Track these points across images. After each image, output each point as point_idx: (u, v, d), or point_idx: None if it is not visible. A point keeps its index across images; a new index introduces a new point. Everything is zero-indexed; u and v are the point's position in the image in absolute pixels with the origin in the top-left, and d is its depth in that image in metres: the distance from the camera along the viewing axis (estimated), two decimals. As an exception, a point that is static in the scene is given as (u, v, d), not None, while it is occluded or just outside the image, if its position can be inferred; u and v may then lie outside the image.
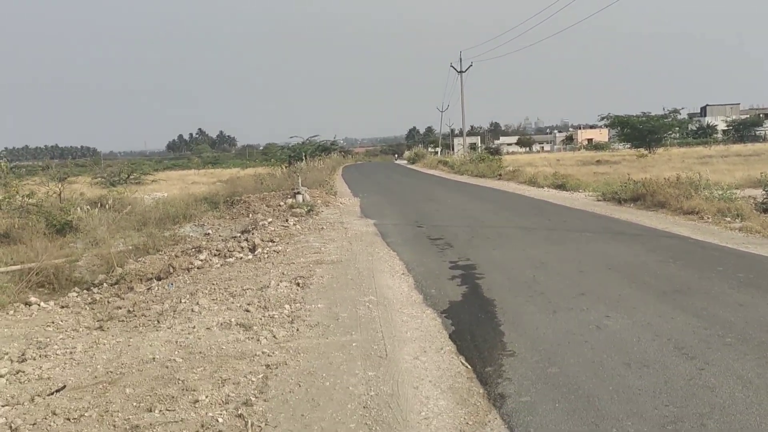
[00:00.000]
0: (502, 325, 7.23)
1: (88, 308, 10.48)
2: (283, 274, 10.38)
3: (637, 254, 10.77)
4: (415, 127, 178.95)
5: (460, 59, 60.71)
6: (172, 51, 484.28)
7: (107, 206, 19.15)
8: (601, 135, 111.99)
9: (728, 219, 14.13)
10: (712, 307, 7.34)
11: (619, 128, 70.29)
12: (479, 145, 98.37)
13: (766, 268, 9.28)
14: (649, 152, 59.61)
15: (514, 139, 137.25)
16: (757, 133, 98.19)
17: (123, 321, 8.92)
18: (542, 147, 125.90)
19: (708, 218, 14.42)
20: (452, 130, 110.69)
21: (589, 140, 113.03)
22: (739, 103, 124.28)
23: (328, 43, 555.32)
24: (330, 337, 7.05)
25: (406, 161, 79.65)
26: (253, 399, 5.37)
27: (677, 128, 71.17)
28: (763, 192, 16.53)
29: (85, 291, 12.08)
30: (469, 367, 6.09)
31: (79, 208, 18.36)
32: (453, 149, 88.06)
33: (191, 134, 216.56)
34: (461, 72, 60.22)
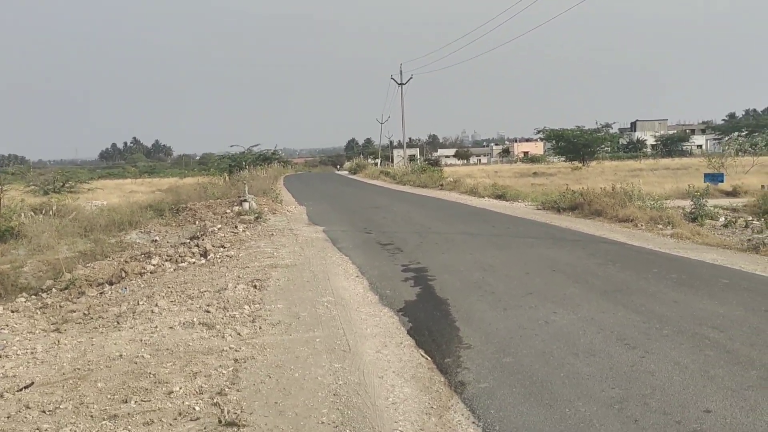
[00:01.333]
0: (457, 321, 7.63)
1: (39, 312, 10.42)
2: (239, 277, 10.56)
3: (578, 258, 11.37)
4: (354, 139, 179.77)
5: (401, 71, 61.58)
6: (104, 56, 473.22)
7: (51, 213, 18.86)
8: (537, 148, 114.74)
9: (660, 226, 14.96)
10: (650, 304, 7.91)
11: (554, 141, 72.43)
12: (418, 156, 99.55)
13: (697, 270, 9.96)
14: (583, 165, 61.56)
15: (452, 151, 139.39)
16: (684, 147, 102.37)
17: (80, 323, 8.95)
18: (479, 159, 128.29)
19: (642, 226, 15.23)
20: (391, 142, 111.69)
21: (525, 153, 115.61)
22: (667, 119, 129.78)
23: (265, 52, 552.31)
24: (293, 334, 7.32)
25: (347, 172, 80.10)
26: (227, 389, 5.60)
27: (609, 142, 73.80)
28: (691, 202, 17.49)
29: (33, 296, 11.97)
30: (429, 358, 6.45)
31: (22, 214, 18.06)
32: (392, 161, 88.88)
33: (125, 143, 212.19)
34: (401, 84, 61.05)
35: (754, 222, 16.19)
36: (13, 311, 10.59)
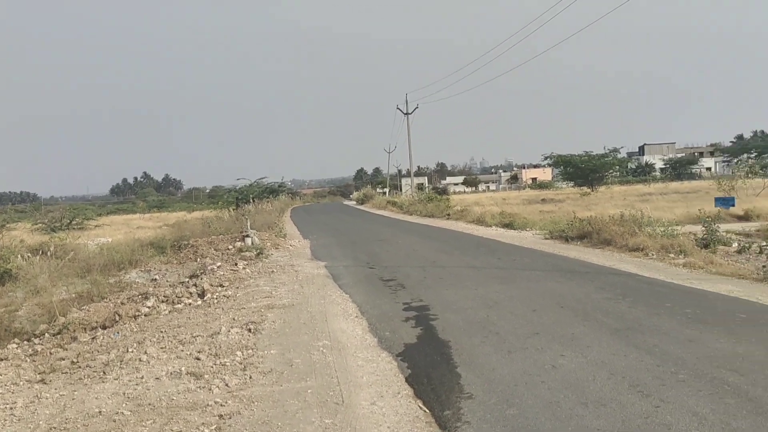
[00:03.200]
0: (459, 366, 7.19)
1: (29, 360, 10.03)
2: (233, 319, 10.17)
3: (587, 292, 10.90)
4: (362, 168, 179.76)
5: (406, 101, 61.63)
6: (113, 94, 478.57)
7: (49, 253, 18.56)
8: (545, 174, 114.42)
9: (672, 255, 14.47)
10: (663, 344, 7.44)
11: (562, 167, 72.01)
12: (426, 185, 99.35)
13: (712, 304, 9.49)
14: (592, 190, 61.16)
15: (460, 179, 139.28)
16: (693, 170, 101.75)
17: (67, 373, 8.56)
18: (488, 186, 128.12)
19: (653, 255, 14.75)
20: (399, 171, 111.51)
21: (534, 179, 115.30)
22: (674, 142, 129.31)
23: (273, 85, 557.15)
24: (284, 384, 6.89)
25: (354, 202, 79.78)
26: (207, 452, 5.18)
27: (617, 167, 73.29)
28: (703, 228, 17.00)
29: (25, 342, 11.58)
30: (427, 411, 6.01)
31: (19, 256, 17.76)
32: (401, 189, 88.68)
33: (136, 178, 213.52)
34: (407, 114, 61.05)
35: (768, 248, 15.70)
36: (1, 359, 10.22)
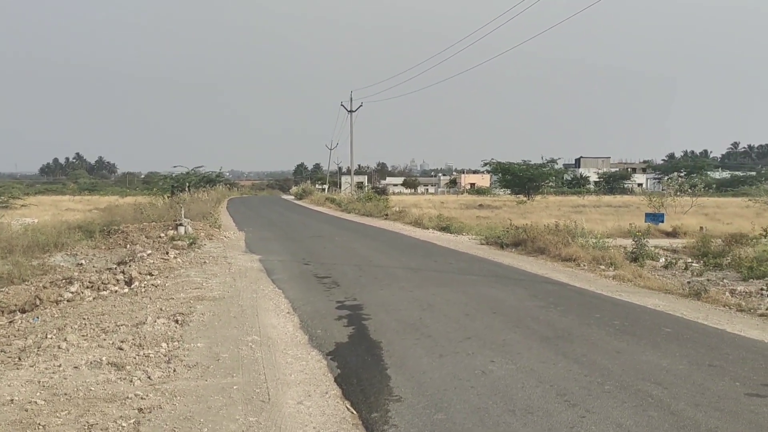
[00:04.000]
0: (389, 368, 7.12)
1: (-62, 343, 9.53)
2: (161, 309, 9.88)
3: (520, 299, 11.01)
4: (303, 164, 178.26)
5: (351, 99, 61.66)
6: (48, 70, 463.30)
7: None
8: (483, 180, 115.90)
9: (602, 267, 14.77)
10: (591, 354, 7.54)
11: (500, 174, 73.09)
12: (366, 184, 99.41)
13: (640, 317, 9.68)
14: (528, 199, 62.21)
15: (400, 179, 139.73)
16: (625, 185, 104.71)
17: (-22, 357, 8.14)
18: (427, 189, 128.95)
19: (584, 266, 15.03)
20: (340, 168, 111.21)
21: (472, 185, 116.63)
22: (609, 157, 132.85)
23: (215, 76, 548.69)
24: (209, 379, 6.69)
25: (293, 197, 79.12)
26: (123, 447, 4.96)
27: (554, 177, 74.82)
28: (633, 242, 17.45)
29: (-64, 324, 11.00)
30: (354, 412, 5.91)
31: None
32: (340, 187, 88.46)
33: (68, 158, 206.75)
34: (351, 111, 61.03)
35: (693, 264, 16.21)
36: None
